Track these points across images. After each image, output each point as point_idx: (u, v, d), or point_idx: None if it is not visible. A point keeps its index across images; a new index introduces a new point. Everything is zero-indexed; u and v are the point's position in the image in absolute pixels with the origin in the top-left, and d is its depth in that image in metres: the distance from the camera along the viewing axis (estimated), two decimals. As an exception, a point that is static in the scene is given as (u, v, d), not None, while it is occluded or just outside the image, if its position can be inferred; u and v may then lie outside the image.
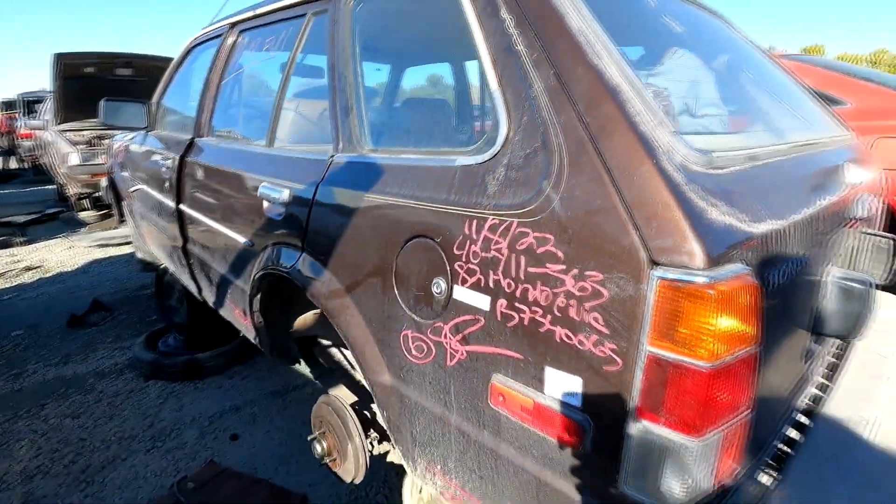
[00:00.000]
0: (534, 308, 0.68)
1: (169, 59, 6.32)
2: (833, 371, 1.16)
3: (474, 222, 0.75)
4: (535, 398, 0.70)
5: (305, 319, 1.63)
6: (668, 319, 0.56)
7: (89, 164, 5.65)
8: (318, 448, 1.36)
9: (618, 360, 0.60)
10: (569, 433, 0.66)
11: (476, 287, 0.76)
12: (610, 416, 0.62)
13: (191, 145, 1.83)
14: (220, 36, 1.89)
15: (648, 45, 1.23)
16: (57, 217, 6.74)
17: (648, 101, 0.67)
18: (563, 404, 0.67)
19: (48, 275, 4.31)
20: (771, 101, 1.52)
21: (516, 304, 0.70)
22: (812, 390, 1.06)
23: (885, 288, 1.56)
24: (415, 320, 0.87)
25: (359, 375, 1.49)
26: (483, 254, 0.74)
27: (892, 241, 1.20)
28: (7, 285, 4.03)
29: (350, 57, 1.16)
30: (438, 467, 0.92)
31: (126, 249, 5.15)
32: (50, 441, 2.11)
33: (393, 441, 1.02)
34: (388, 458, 1.47)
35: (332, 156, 1.12)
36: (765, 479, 0.77)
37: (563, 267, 0.65)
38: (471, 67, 1.67)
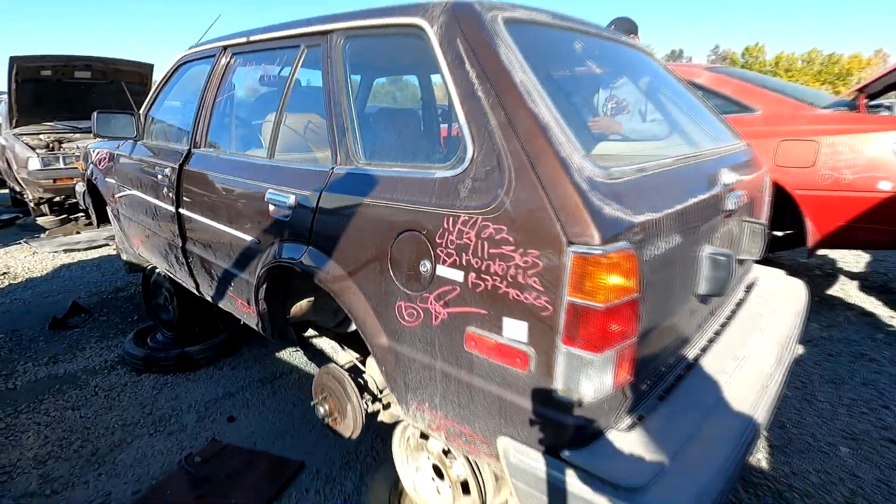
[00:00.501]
0: (494, 277, 0.99)
1: (132, 63, 6.31)
2: (723, 325, 1.53)
3: (451, 219, 1.05)
4: (497, 339, 1.01)
5: (300, 306, 1.89)
6: (579, 278, 0.88)
7: (50, 169, 5.59)
8: (321, 410, 1.63)
9: (549, 307, 0.92)
10: (520, 361, 0.97)
11: (453, 265, 1.06)
12: (546, 345, 0.94)
13: (188, 155, 2.04)
14: (211, 56, 2.10)
15: (577, 82, 1.57)
16: (13, 223, 6.58)
17: (568, 134, 0.99)
18: (516, 341, 0.98)
19: (17, 281, 4.31)
20: (682, 120, 1.89)
21: (482, 276, 1.01)
22: (703, 341, 1.42)
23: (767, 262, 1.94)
24: (406, 293, 1.16)
25: (343, 356, 1.76)
26: (457, 241, 1.04)
27: (763, 226, 1.58)
28: (-24, 292, 4.03)
29: (343, 86, 1.44)
30: (426, 405, 1.22)
31: (92, 254, 5.17)
32: (55, 431, 2.27)
33: (389, 389, 1.31)
34: (379, 418, 1.75)
35: (332, 167, 1.39)
36: (654, 403, 1.12)
37: (513, 248, 0.96)
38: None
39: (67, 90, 5.92)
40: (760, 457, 2.07)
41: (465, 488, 1.43)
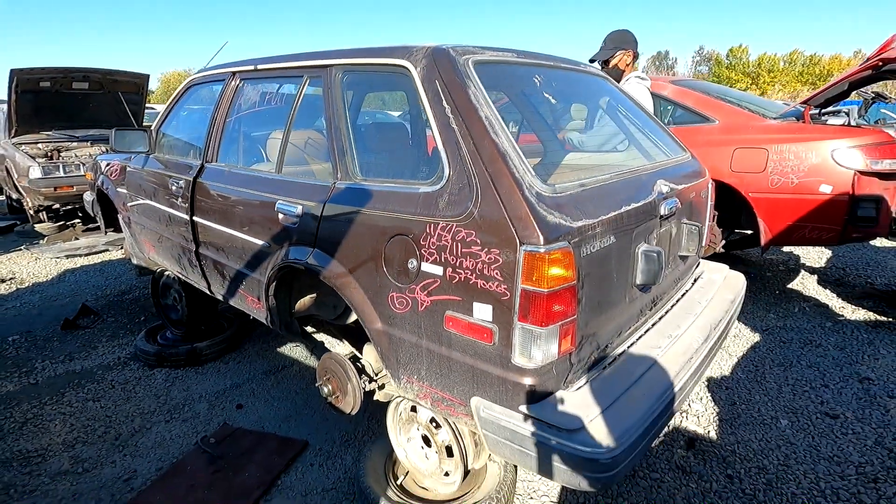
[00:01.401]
0: (466, 270, 1.26)
1: (128, 73, 6.50)
2: (667, 311, 1.82)
3: (432, 225, 1.33)
4: (469, 320, 1.28)
5: (304, 302, 2.15)
6: (528, 270, 1.16)
7: (50, 178, 5.77)
8: (325, 389, 1.89)
9: (507, 293, 1.19)
10: (487, 336, 1.25)
11: (434, 262, 1.33)
12: (505, 323, 1.21)
13: (202, 169, 2.29)
14: (220, 80, 2.35)
15: (541, 105, 1.85)
16: (12, 230, 6.73)
17: (523, 159, 1.26)
18: (483, 320, 1.25)
19: (24, 285, 4.51)
20: (637, 135, 2.18)
21: (457, 270, 1.28)
22: (647, 324, 1.71)
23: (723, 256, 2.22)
24: (397, 285, 1.43)
25: (341, 345, 2.01)
26: (438, 242, 1.31)
27: (697, 227, 1.87)
28: (-14, 297, 4.22)
29: (342, 113, 1.70)
30: (415, 377, 1.49)
31: (95, 260, 5.36)
32: (80, 419, 2.50)
33: (384, 366, 1.58)
34: (375, 397, 2.01)
35: (334, 182, 1.66)
36: (599, 371, 1.40)
37: (480, 247, 1.23)
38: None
39: (65, 100, 6.10)
40: (711, 429, 2.37)
41: (450, 452, 1.70)
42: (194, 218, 2.32)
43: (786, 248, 5.22)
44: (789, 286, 4.21)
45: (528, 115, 2.48)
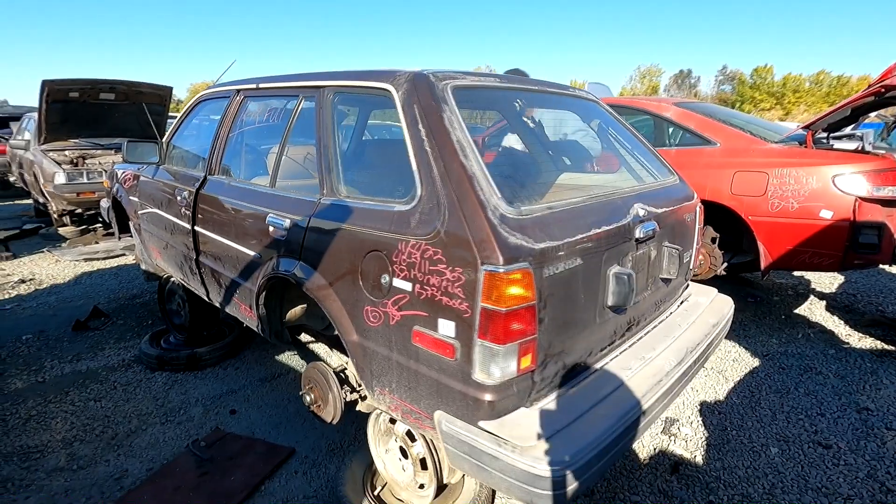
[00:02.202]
0: (433, 287, 1.31)
1: (152, 85, 6.78)
2: (645, 333, 1.83)
3: (404, 243, 1.38)
4: (434, 335, 1.32)
5: (295, 312, 2.21)
6: (488, 289, 1.20)
7: (74, 183, 6.02)
8: (308, 398, 1.94)
9: (469, 310, 1.23)
10: (449, 351, 1.28)
11: (405, 278, 1.38)
12: (467, 339, 1.25)
13: (204, 181, 2.40)
14: (226, 97, 2.47)
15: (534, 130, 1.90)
16: (36, 232, 7.01)
17: (490, 182, 1.31)
18: (447, 336, 1.29)
19: (43, 287, 4.69)
20: (626, 157, 2.21)
21: (424, 286, 1.33)
22: (624, 345, 1.72)
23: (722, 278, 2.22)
24: (372, 300, 1.48)
25: (334, 358, 2.07)
26: (408, 259, 1.37)
27: (678, 250, 1.89)
28: (6, 297, 4.40)
29: (331, 132, 1.78)
30: (387, 389, 1.53)
31: (111, 263, 5.55)
32: (80, 418, 2.60)
33: (358, 378, 1.62)
34: (357, 408, 2.05)
35: (320, 198, 1.73)
36: (566, 389, 1.42)
37: (446, 265, 1.28)
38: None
39: (92, 110, 6.37)
40: (697, 454, 2.35)
41: (424, 465, 1.73)
42: (196, 227, 2.41)
43: (796, 273, 5.14)
44: (796, 311, 4.15)
45: (525, 135, 2.54)
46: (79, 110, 6.42)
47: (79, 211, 6.43)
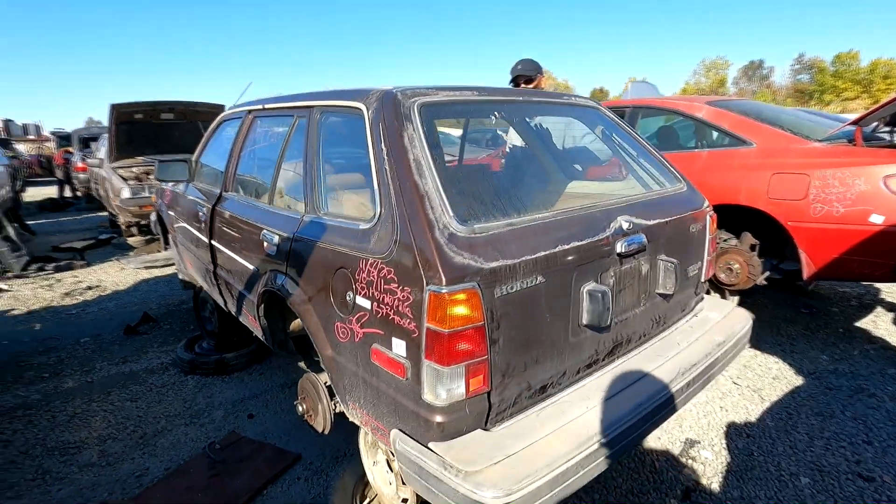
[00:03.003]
0: (386, 306, 1.31)
1: (206, 104, 7.26)
2: (635, 352, 1.74)
3: (364, 260, 1.39)
4: (388, 354, 1.32)
5: (297, 323, 2.29)
6: (433, 310, 1.18)
7: (138, 197, 6.56)
8: (300, 408, 2.00)
9: (416, 330, 1.23)
10: (400, 371, 1.28)
11: (365, 296, 1.39)
12: (415, 359, 1.24)
13: (220, 197, 2.54)
14: (240, 117, 2.61)
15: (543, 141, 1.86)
16: (109, 242, 7.70)
17: (444, 200, 1.30)
18: (399, 355, 1.29)
19: (106, 293, 5.14)
20: (630, 164, 2.11)
21: (381, 305, 1.34)
22: (608, 366, 1.64)
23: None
24: (340, 316, 1.51)
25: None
26: (367, 277, 1.38)
27: (675, 263, 1.77)
28: (74, 302, 4.87)
29: (315, 150, 1.83)
30: (357, 404, 1.55)
31: (167, 271, 5.98)
32: (116, 417, 2.82)
33: (335, 390, 1.65)
34: (350, 419, 2.08)
35: (303, 215, 1.78)
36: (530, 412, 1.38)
37: (397, 284, 1.28)
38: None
39: (154, 130, 6.93)
40: (714, 480, 2.18)
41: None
42: (212, 241, 2.56)
43: (864, 283, 4.66)
44: (856, 324, 3.76)
45: (534, 146, 2.49)
46: (143, 130, 7.00)
47: (143, 223, 7.00)
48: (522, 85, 3.43)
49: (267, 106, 2.34)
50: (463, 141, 3.06)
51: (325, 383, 1.94)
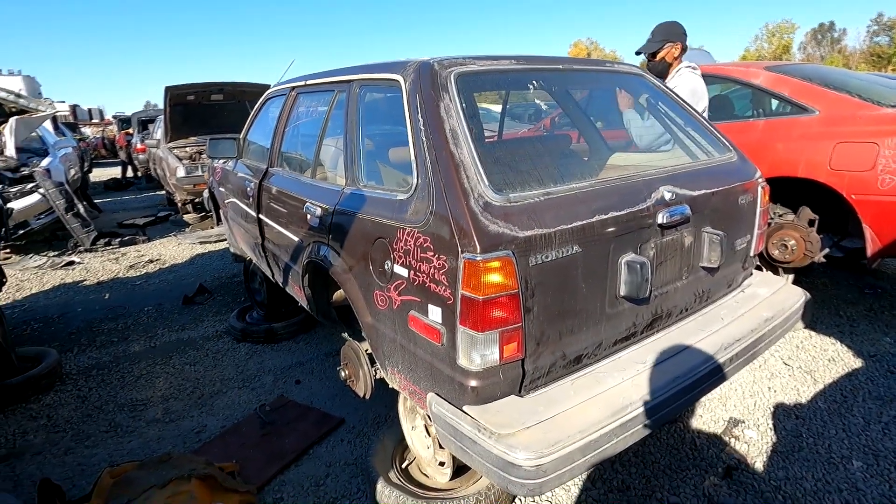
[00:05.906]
0: (423, 274, 1.35)
1: (253, 84, 7.46)
2: (676, 326, 1.70)
3: (401, 230, 1.43)
4: (425, 320, 1.36)
5: (340, 293, 2.37)
6: (467, 277, 1.20)
7: (192, 176, 6.89)
8: (343, 373, 2.10)
9: (452, 297, 1.25)
10: (437, 337, 1.32)
11: (402, 265, 1.43)
12: (451, 325, 1.27)
13: (266, 172, 2.64)
14: (284, 94, 2.68)
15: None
16: (167, 219, 8.15)
17: (479, 169, 1.31)
18: (435, 322, 1.32)
19: (165, 266, 5.48)
20: (679, 133, 2.04)
21: (417, 273, 1.37)
22: (649, 337, 1.62)
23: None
24: (379, 284, 1.56)
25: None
26: (405, 247, 1.41)
27: (721, 236, 1.71)
28: (138, 274, 5.23)
29: (355, 123, 1.87)
30: (396, 369, 1.61)
31: (220, 245, 6.29)
32: (177, 379, 3.05)
33: (375, 357, 1.72)
34: (391, 385, 2.16)
35: (344, 187, 1.83)
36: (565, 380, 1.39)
37: (433, 253, 1.31)
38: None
39: (205, 110, 7.21)
40: (758, 459, 2.13)
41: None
42: (259, 215, 2.68)
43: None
44: (931, 305, 3.51)
45: (576, 117, 2.43)
46: (195, 111, 7.30)
47: (197, 200, 7.36)
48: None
49: (309, 82, 2.39)
50: (503, 114, 3.02)
51: (365, 350, 2.02)
